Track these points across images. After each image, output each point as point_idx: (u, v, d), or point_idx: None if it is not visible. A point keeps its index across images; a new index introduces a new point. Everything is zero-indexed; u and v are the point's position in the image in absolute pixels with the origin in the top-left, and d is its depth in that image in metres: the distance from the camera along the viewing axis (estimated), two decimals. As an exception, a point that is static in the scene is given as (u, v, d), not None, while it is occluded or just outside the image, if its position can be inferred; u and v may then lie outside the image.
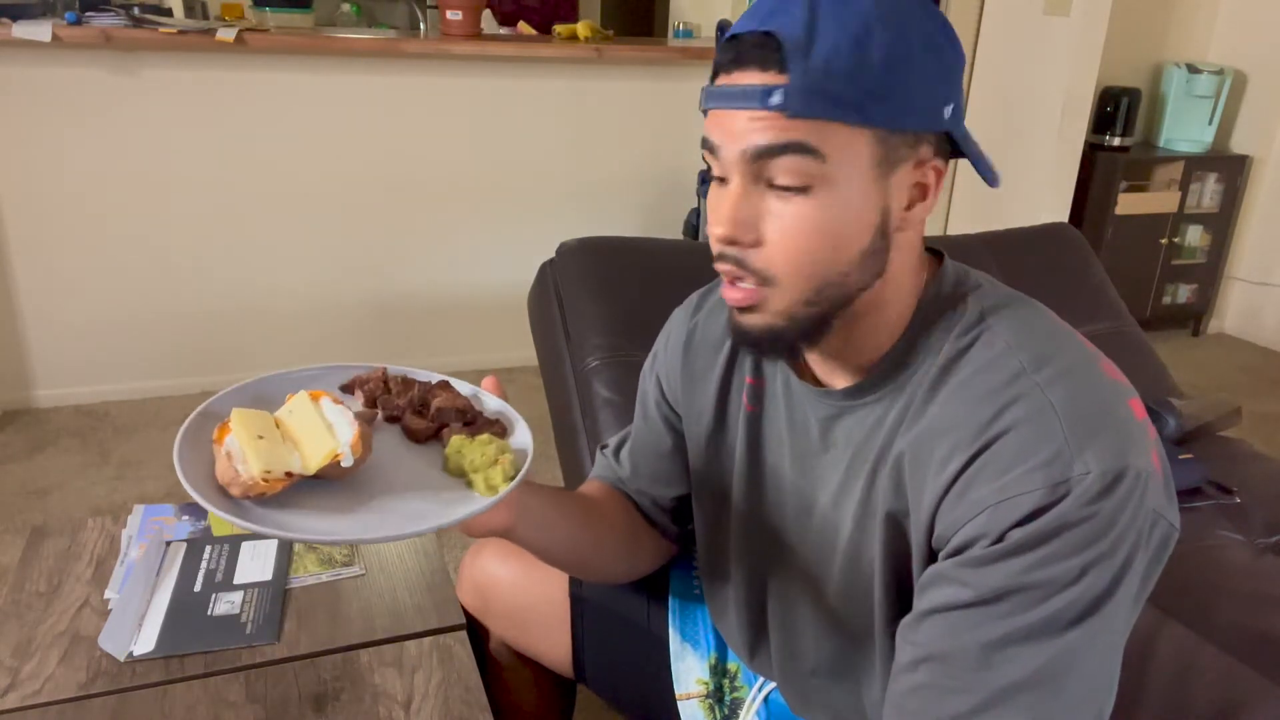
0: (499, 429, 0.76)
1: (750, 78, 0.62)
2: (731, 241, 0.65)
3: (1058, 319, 0.71)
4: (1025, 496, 0.61)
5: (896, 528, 0.71)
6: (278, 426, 0.70)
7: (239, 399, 0.74)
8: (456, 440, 0.72)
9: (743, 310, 0.68)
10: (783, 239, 0.64)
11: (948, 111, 0.64)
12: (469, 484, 0.70)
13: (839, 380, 0.75)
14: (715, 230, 0.65)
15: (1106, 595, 0.61)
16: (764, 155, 0.62)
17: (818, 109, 0.60)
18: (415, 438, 0.76)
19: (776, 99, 0.60)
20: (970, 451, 0.64)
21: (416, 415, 0.77)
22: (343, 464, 0.66)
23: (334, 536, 0.63)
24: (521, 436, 0.75)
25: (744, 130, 0.62)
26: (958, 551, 0.64)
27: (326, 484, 0.68)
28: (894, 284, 0.70)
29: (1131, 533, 0.61)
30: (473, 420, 0.77)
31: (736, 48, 0.63)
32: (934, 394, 0.68)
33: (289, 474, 0.65)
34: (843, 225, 0.64)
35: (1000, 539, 0.61)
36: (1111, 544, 0.60)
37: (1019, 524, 0.61)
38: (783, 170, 0.62)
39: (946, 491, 0.65)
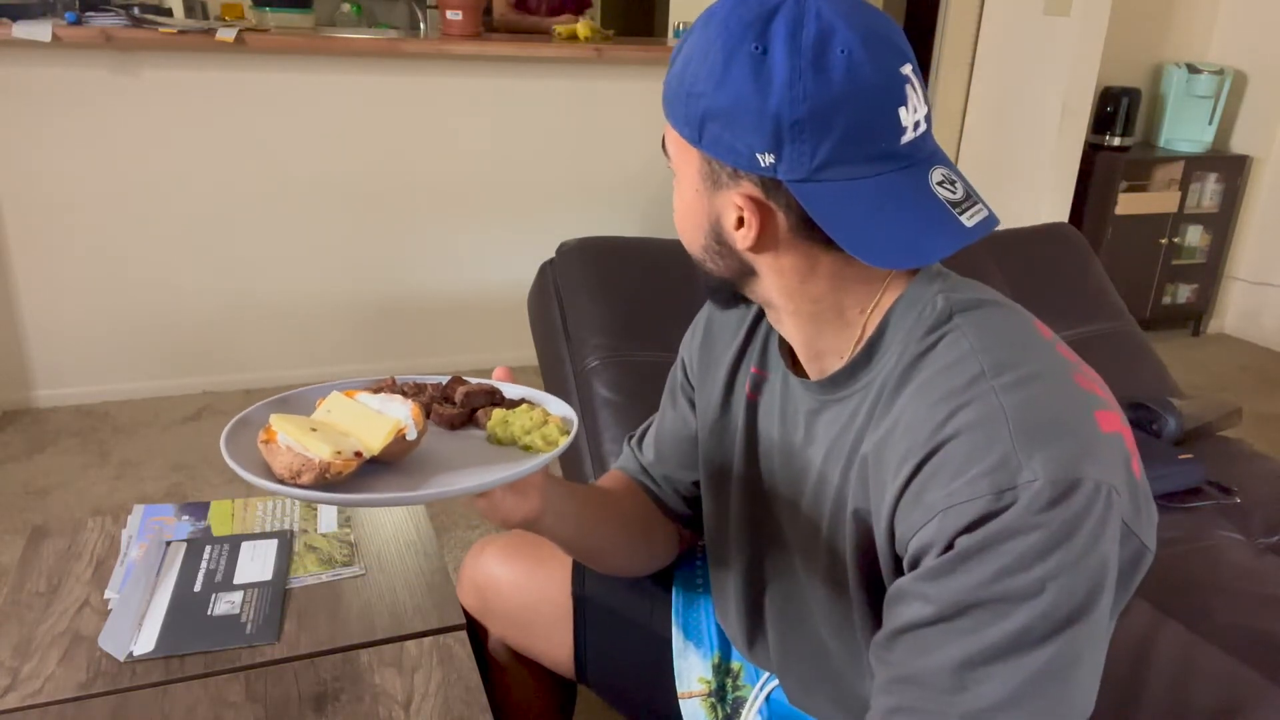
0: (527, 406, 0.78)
1: None
2: None
3: (1035, 325, 0.70)
4: (971, 504, 0.60)
5: (863, 526, 0.71)
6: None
7: (261, 413, 0.73)
8: (499, 413, 0.75)
9: None
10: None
11: (765, 160, 0.64)
12: (525, 448, 0.72)
13: (816, 374, 0.77)
14: None
15: (1080, 610, 0.59)
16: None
17: (666, 113, 0.71)
18: (451, 423, 0.77)
19: (663, 94, 0.72)
20: (922, 454, 0.63)
21: (446, 404, 0.78)
22: (408, 437, 0.68)
23: (433, 491, 0.66)
24: (558, 406, 0.78)
25: None
26: (916, 561, 0.64)
27: (387, 471, 0.70)
28: (792, 286, 0.72)
29: (1100, 545, 0.59)
30: (500, 401, 0.79)
31: None
32: (898, 393, 0.68)
33: (358, 454, 0.66)
34: (682, 217, 0.76)
35: (949, 546, 0.61)
36: (1076, 555, 0.58)
37: (965, 530, 0.60)
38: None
39: (902, 494, 0.65)
